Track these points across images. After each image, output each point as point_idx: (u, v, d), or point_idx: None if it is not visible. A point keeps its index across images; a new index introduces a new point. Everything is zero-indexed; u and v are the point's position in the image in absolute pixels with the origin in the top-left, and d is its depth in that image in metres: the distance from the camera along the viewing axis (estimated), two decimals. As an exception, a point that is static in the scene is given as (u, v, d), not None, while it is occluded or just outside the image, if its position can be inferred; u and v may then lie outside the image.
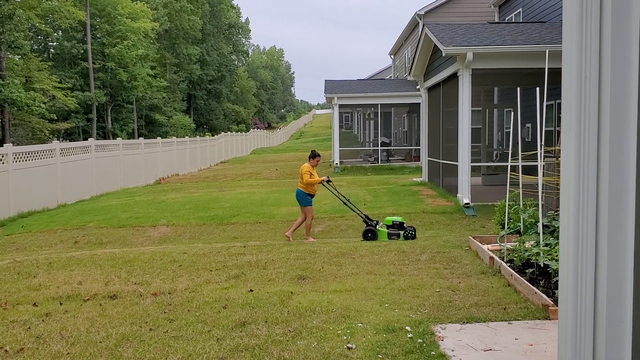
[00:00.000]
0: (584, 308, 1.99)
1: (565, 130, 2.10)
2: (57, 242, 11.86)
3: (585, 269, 1.98)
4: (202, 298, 6.07)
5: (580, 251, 2.01)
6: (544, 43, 12.74)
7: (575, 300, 2.05)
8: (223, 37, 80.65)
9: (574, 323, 2.06)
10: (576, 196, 2.01)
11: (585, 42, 1.95)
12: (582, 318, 2.01)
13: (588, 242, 1.96)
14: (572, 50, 2.02)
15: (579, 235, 2.01)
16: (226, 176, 27.07)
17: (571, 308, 2.08)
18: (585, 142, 1.97)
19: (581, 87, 1.98)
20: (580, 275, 2.01)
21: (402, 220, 10.20)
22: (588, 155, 1.96)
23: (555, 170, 9.23)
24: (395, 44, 35.06)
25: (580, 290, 2.02)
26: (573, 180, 2.03)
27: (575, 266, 2.04)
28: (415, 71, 18.47)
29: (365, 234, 10.13)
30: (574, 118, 2.02)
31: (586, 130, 1.96)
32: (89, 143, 20.85)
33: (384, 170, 26.16)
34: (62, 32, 48.74)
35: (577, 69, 2.00)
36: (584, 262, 1.99)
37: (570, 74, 2.05)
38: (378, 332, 4.81)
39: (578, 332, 2.04)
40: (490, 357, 4.31)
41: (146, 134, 52.44)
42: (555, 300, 5.20)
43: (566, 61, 2.08)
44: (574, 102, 2.03)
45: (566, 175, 2.10)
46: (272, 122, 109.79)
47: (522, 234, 7.70)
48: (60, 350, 4.65)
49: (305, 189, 10.91)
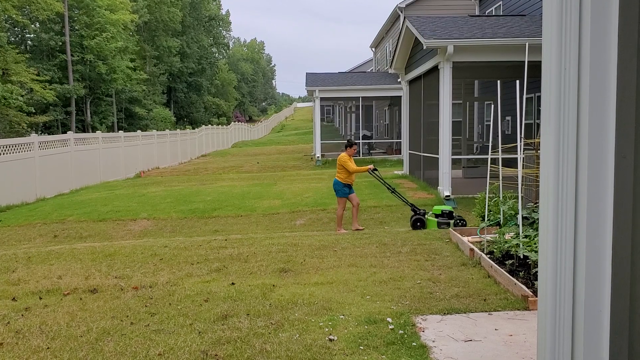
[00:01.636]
0: (563, 297, 2.02)
1: (544, 122, 2.12)
2: (36, 237, 11.72)
3: (564, 259, 2.00)
4: (184, 291, 6.04)
5: (559, 241, 2.03)
6: (524, 36, 12.83)
7: (555, 290, 2.07)
8: (203, 30, 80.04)
9: (553, 312, 2.09)
10: (555, 187, 2.04)
11: (565, 34, 1.97)
12: (561, 307, 2.04)
13: (567, 232, 1.99)
14: (552, 42, 2.04)
15: (558, 225, 2.03)
16: (207, 169, 26.94)
17: (550, 297, 2.11)
18: (565, 134, 1.99)
19: (560, 79, 2.00)
20: (559, 265, 2.04)
21: (451, 209, 10.08)
22: (567, 146, 1.98)
23: (535, 163, 9.33)
24: (377, 36, 35.08)
25: (559, 280, 2.04)
26: (552, 171, 2.06)
27: (554, 256, 2.06)
28: (396, 64, 18.51)
29: (414, 223, 9.99)
30: (553, 110, 2.04)
31: (565, 121, 1.99)
32: (68, 136, 20.59)
33: (365, 163, 26.14)
34: (39, 23, 47.99)
35: (557, 60, 2.02)
36: (563, 252, 2.02)
37: (549, 66, 2.07)
38: (360, 324, 4.83)
39: (557, 321, 2.07)
40: (470, 348, 4.35)
41: (126, 127, 51.97)
42: (535, 291, 5.26)
43: (546, 53, 2.10)
44: (553, 93, 2.05)
45: (546, 166, 2.12)
46: (254, 115, 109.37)
47: (502, 225, 7.78)
48: (40, 345, 4.60)
49: (343, 180, 10.73)
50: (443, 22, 15.05)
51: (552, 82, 2.06)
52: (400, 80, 19.76)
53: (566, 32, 1.97)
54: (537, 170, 9.21)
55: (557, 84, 2.03)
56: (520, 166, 7.23)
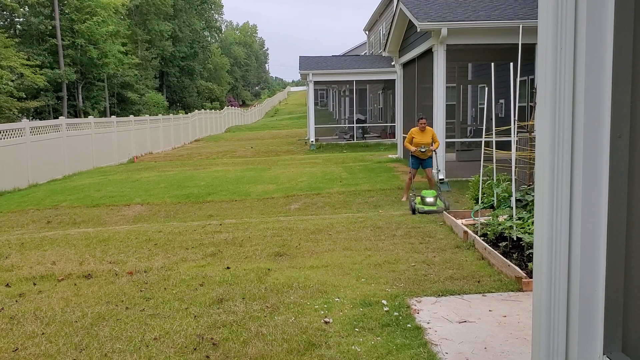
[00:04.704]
0: (558, 277, 2.03)
1: (540, 103, 2.11)
2: (29, 223, 11.67)
3: (560, 239, 2.01)
4: (179, 276, 6.04)
5: (555, 221, 2.03)
6: (517, 18, 12.78)
7: (550, 270, 2.08)
8: (195, 13, 79.25)
9: (548, 292, 2.10)
10: (551, 166, 2.03)
11: (561, 12, 1.95)
12: (556, 287, 2.05)
13: (562, 212, 1.99)
14: (548, 22, 2.02)
15: (554, 205, 2.03)
16: (201, 154, 26.85)
17: (545, 278, 2.11)
18: (560, 114, 1.98)
19: (556, 59, 1.99)
20: (555, 245, 2.04)
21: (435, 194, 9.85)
22: (563, 125, 1.97)
23: (528, 145, 9.34)
24: (370, 19, 34.90)
25: (554, 260, 2.05)
26: (548, 151, 2.05)
27: (549, 236, 2.06)
28: (390, 47, 18.42)
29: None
30: (549, 90, 2.03)
31: (561, 101, 1.98)
32: (60, 121, 20.44)
33: (359, 147, 26.19)
34: (28, 7, 47.32)
35: (553, 40, 2.00)
36: (558, 232, 2.02)
37: (545, 46, 2.06)
38: (355, 307, 4.85)
39: (552, 301, 2.08)
40: (464, 329, 4.38)
41: (118, 112, 51.57)
42: (528, 273, 5.29)
43: (542, 33, 2.09)
44: (549, 73, 2.03)
45: (541, 147, 2.12)
46: (247, 99, 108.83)
47: (496, 208, 7.80)
48: (35, 331, 4.60)
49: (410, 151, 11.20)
50: (437, 5, 14.96)
51: (547, 62, 2.04)
52: (394, 63, 19.68)
53: (562, 11, 1.95)
54: (530, 153, 9.22)
55: (553, 64, 2.01)
56: (513, 149, 7.23)
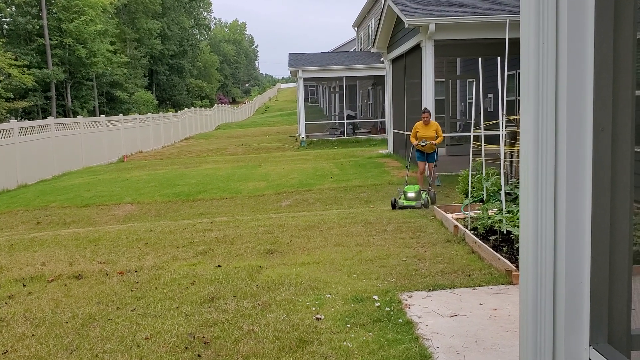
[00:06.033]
0: (544, 270, 2.05)
1: (524, 97, 2.13)
2: (18, 224, 11.61)
3: (545, 232, 2.02)
4: (170, 275, 6.03)
5: (540, 213, 2.05)
6: (504, 13, 12.83)
7: (536, 262, 2.10)
8: (184, 11, 78.87)
9: (535, 284, 2.12)
10: (535, 160, 2.05)
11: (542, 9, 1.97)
12: (543, 280, 2.07)
13: (547, 206, 2.00)
14: (530, 17, 2.04)
15: (538, 197, 2.05)
16: (191, 152, 26.79)
17: (532, 270, 2.13)
18: (543, 108, 2.00)
19: (539, 54, 2.01)
20: (540, 237, 2.06)
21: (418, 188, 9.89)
22: (546, 120, 1.99)
23: (517, 139, 9.39)
24: (359, 15, 34.89)
25: (540, 253, 2.07)
26: (532, 145, 2.07)
27: (534, 228, 2.08)
28: (378, 43, 18.44)
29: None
30: (532, 85, 2.05)
31: (544, 95, 1.99)
32: (48, 121, 20.32)
33: (350, 143, 26.22)
34: (15, 7, 46.97)
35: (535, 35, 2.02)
36: (543, 224, 2.04)
37: (528, 41, 2.07)
38: (346, 303, 4.87)
39: (539, 295, 2.10)
40: (455, 323, 4.40)
41: (108, 112, 51.28)
42: (518, 266, 5.33)
43: (524, 29, 2.10)
44: (531, 67, 2.05)
45: (525, 141, 2.13)
46: (237, 97, 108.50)
47: (485, 202, 7.84)
48: (25, 332, 4.58)
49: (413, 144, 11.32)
50: (424, 0, 14.98)
51: (530, 56, 2.06)
52: (383, 59, 19.70)
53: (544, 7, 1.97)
54: (518, 147, 9.27)
55: (536, 59, 2.03)
56: (502, 143, 7.27)
